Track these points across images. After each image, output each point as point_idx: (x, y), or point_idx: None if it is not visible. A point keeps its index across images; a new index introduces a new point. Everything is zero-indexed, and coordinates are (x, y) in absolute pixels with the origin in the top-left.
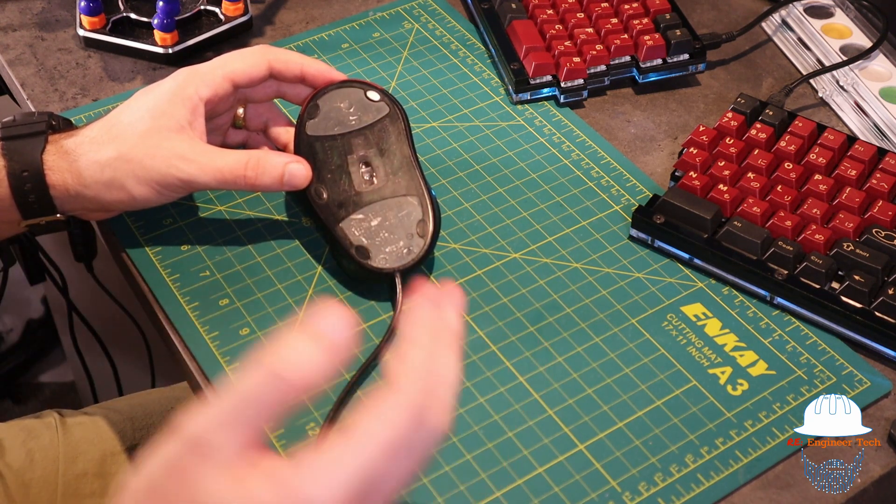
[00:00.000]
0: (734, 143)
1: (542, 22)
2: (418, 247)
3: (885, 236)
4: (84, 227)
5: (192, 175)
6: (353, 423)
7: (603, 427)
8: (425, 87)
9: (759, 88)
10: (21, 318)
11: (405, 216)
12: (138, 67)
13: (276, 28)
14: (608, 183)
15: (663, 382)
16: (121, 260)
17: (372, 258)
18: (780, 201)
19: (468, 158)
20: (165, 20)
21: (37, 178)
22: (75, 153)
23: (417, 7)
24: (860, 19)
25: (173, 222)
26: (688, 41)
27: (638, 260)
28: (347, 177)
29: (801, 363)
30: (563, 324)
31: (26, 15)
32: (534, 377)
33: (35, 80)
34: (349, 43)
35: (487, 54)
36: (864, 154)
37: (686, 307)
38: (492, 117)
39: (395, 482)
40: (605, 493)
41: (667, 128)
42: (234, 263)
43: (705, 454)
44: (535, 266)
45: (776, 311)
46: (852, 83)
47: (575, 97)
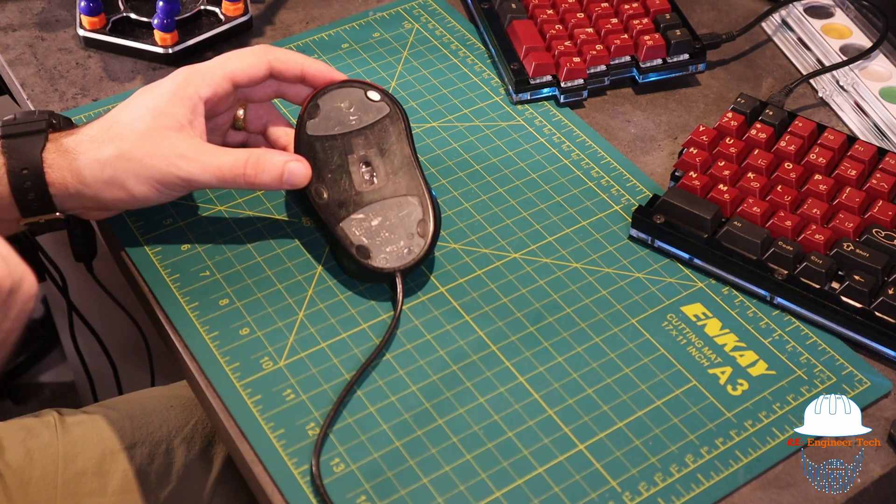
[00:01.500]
0: (734, 143)
1: (542, 22)
2: (419, 246)
3: (885, 236)
4: (84, 227)
5: (192, 173)
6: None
7: (603, 427)
8: (425, 87)
9: (759, 88)
10: None
11: (406, 216)
12: (138, 67)
13: (276, 28)
14: (608, 183)
15: (663, 382)
16: (121, 260)
17: (372, 258)
18: (780, 201)
19: (468, 158)
20: (165, 20)
21: (36, 176)
22: (75, 151)
23: (417, 7)
24: (860, 19)
25: (173, 222)
26: (688, 41)
27: (638, 260)
28: (348, 176)
29: (801, 363)
30: (563, 324)
31: (26, 15)
32: (534, 377)
33: (35, 80)
34: (349, 43)
35: (487, 54)
36: (864, 154)
37: (686, 307)
38: (492, 117)
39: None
40: (605, 493)
41: (667, 128)
42: (234, 263)
43: (705, 454)
44: (535, 266)
45: (776, 311)
46: (852, 83)
47: (575, 97)
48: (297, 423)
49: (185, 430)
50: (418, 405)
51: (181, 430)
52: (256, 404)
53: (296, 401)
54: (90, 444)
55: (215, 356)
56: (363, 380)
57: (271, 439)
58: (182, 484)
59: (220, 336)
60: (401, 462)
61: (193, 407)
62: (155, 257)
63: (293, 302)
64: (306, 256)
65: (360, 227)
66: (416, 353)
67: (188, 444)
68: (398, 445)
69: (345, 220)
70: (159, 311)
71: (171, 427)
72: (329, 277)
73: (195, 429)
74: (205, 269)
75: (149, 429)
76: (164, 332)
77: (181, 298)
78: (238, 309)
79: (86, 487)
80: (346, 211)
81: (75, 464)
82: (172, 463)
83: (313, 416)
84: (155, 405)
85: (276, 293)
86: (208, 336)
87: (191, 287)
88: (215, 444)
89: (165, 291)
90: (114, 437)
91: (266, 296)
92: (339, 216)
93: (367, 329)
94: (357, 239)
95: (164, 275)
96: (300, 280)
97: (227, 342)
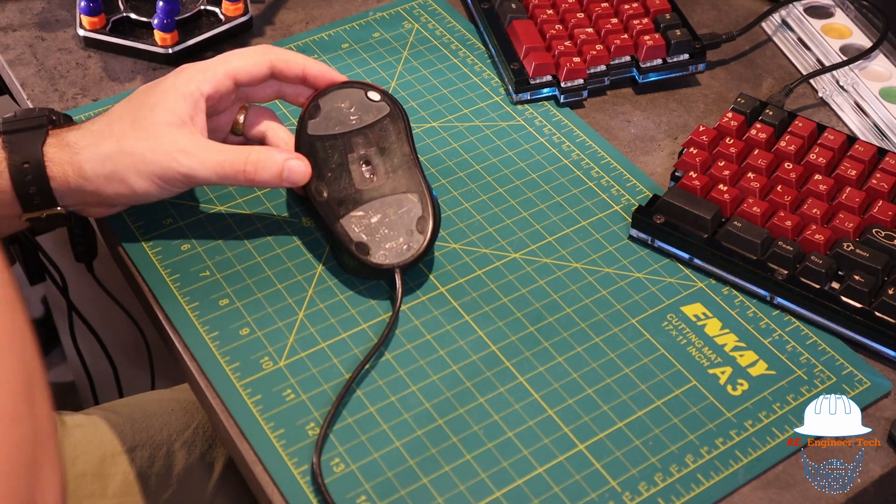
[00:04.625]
0: (734, 143)
1: (542, 22)
2: (418, 243)
3: (885, 236)
4: (84, 226)
5: (192, 169)
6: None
7: (603, 427)
8: (425, 87)
9: (759, 88)
10: None
11: (405, 213)
12: (138, 67)
13: (276, 28)
14: (608, 183)
15: (663, 382)
16: (121, 260)
17: (372, 254)
18: (780, 201)
19: (468, 158)
20: (165, 20)
21: (37, 171)
22: (76, 146)
23: (417, 7)
24: (860, 19)
25: (173, 222)
26: (688, 41)
27: (638, 260)
28: (348, 175)
29: (801, 363)
30: (563, 324)
31: (26, 15)
32: (534, 377)
33: (35, 80)
34: (349, 43)
35: (487, 54)
36: (864, 154)
37: (686, 307)
38: (492, 117)
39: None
40: (605, 493)
41: (667, 128)
42: (234, 263)
43: (705, 454)
44: (535, 266)
45: (776, 311)
46: (852, 83)
47: (575, 97)
48: (297, 423)
49: (186, 433)
50: (418, 405)
51: (182, 433)
52: (256, 404)
53: (296, 401)
54: (90, 446)
55: (215, 356)
56: (363, 380)
57: (271, 439)
58: (182, 487)
59: (220, 336)
60: (401, 462)
61: (195, 410)
62: (155, 257)
63: (293, 302)
64: (306, 256)
65: (360, 223)
66: (416, 354)
67: (189, 448)
68: (398, 445)
69: (344, 218)
70: (159, 311)
71: (171, 430)
72: (329, 277)
73: (196, 432)
74: (205, 269)
75: (150, 432)
76: (164, 332)
77: (181, 298)
78: (238, 309)
79: (86, 490)
80: (345, 208)
81: (75, 466)
82: (173, 466)
83: (313, 416)
84: (156, 408)
85: (276, 293)
86: (208, 336)
87: (191, 287)
88: (216, 448)
89: (165, 291)
90: (114, 440)
91: (266, 296)
92: (338, 213)
93: (367, 329)
94: (356, 235)
95: (164, 275)
96: (300, 280)
97: (227, 342)
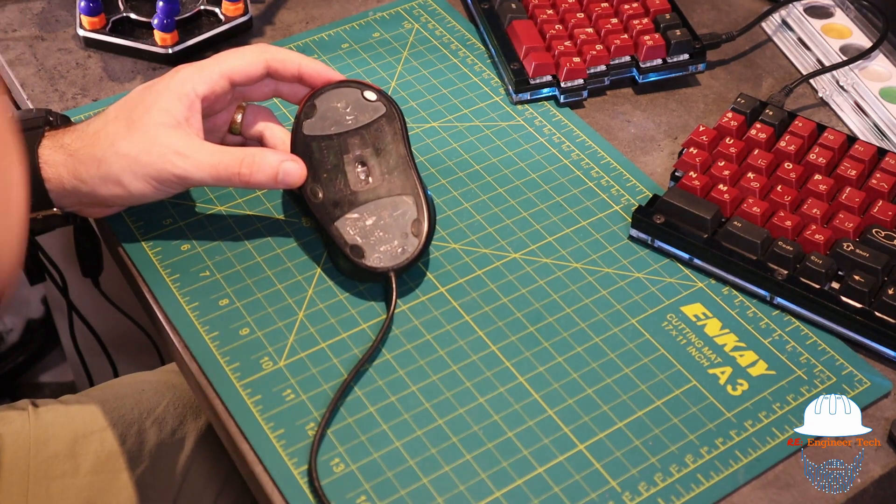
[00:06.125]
0: (734, 143)
1: (542, 22)
2: (413, 246)
3: (885, 236)
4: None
5: (187, 171)
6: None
7: (603, 427)
8: (425, 87)
9: (759, 88)
10: (21, 318)
11: (400, 215)
12: (138, 67)
13: (276, 28)
14: (608, 183)
15: (663, 382)
16: (120, 260)
17: (366, 257)
18: (780, 201)
19: (468, 158)
20: (165, 20)
21: (32, 172)
22: (71, 147)
23: (417, 7)
24: (860, 19)
25: (173, 222)
26: (688, 41)
27: (638, 260)
28: (343, 176)
29: (801, 363)
30: (563, 324)
31: (26, 15)
32: (534, 377)
33: (35, 80)
34: (349, 43)
35: (487, 54)
36: (864, 154)
37: (686, 307)
38: (492, 117)
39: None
40: (605, 493)
41: (667, 128)
42: (234, 263)
43: (705, 454)
44: (535, 266)
45: (776, 311)
46: (852, 83)
47: (575, 97)
48: (297, 423)
49: (157, 411)
50: (418, 405)
51: (152, 411)
52: (256, 404)
53: (296, 401)
54: (61, 428)
55: (215, 356)
56: (364, 380)
57: (271, 439)
58: (154, 462)
59: (220, 336)
60: (401, 462)
61: (165, 389)
62: (155, 257)
63: (293, 302)
64: (306, 256)
65: (355, 226)
66: (416, 354)
67: (160, 425)
68: (398, 445)
69: (339, 220)
70: (159, 311)
71: (142, 409)
72: (329, 277)
73: (167, 409)
74: (205, 269)
75: (120, 412)
76: (163, 332)
77: (181, 298)
78: (238, 309)
79: (58, 469)
80: (340, 210)
81: (47, 448)
82: (144, 443)
83: (313, 416)
84: (127, 390)
85: (276, 293)
86: (208, 336)
87: (191, 287)
88: (187, 423)
89: (165, 291)
90: (86, 421)
91: (266, 296)
92: (333, 215)
93: (367, 329)
94: (351, 238)
95: (164, 275)
96: (300, 280)
97: (227, 342)
